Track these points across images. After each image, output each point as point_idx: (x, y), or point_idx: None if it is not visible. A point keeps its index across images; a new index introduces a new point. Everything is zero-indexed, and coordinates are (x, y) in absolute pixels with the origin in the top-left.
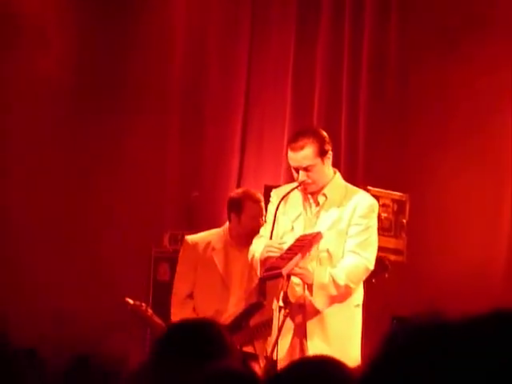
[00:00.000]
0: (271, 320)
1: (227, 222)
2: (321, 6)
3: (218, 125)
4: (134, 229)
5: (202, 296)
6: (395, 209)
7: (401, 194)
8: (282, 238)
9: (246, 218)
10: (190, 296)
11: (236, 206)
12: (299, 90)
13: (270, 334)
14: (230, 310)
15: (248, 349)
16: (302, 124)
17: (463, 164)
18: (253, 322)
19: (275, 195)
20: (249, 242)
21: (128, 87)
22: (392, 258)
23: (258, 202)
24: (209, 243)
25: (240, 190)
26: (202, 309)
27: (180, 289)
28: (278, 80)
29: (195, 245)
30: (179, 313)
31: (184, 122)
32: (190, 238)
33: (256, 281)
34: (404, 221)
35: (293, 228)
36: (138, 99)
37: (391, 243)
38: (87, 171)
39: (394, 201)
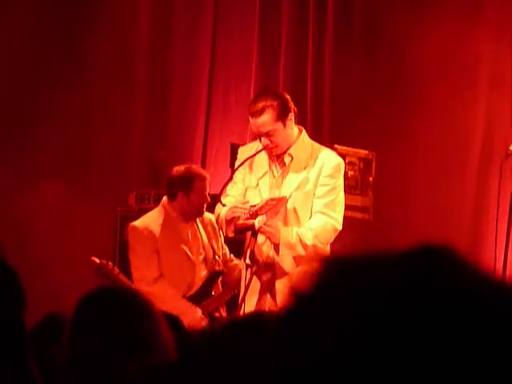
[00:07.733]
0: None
1: (164, 198)
2: None
3: (183, 84)
4: (98, 188)
5: (173, 275)
6: (362, 167)
7: (367, 151)
8: (246, 193)
9: (196, 196)
10: (156, 280)
11: (185, 185)
12: (265, 47)
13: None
14: (198, 279)
15: (216, 314)
16: (268, 83)
17: (429, 121)
18: (215, 290)
19: (242, 153)
20: (196, 216)
21: (93, 54)
22: (358, 215)
23: (205, 179)
24: (159, 224)
25: (183, 168)
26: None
27: (147, 275)
28: (243, 37)
29: (148, 229)
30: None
31: (149, 82)
32: (140, 224)
33: (207, 243)
34: (370, 179)
35: (258, 184)
36: (102, 60)
37: (357, 201)
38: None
39: (360, 159)
